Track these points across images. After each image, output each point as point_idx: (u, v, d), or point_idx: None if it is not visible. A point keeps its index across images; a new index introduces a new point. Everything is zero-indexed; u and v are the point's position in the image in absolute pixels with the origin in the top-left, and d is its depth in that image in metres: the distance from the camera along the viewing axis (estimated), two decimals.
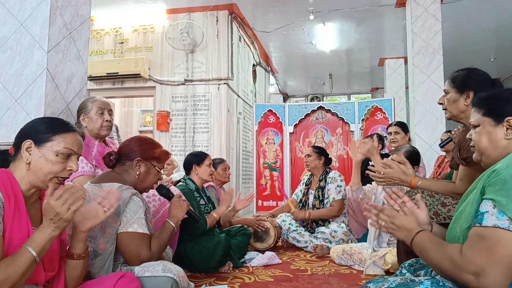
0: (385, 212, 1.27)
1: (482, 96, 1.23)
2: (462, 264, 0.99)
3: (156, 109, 5.49)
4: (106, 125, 2.33)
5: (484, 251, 0.96)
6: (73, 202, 1.17)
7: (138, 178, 1.78)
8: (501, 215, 0.95)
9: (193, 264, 2.57)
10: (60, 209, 1.15)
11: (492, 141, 1.15)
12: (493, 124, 1.15)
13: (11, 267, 1.08)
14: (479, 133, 1.19)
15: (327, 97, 10.51)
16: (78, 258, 1.33)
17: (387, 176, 2.04)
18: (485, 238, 0.96)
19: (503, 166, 1.01)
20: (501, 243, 0.94)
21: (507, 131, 1.13)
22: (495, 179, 1.00)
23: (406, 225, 1.21)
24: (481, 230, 0.98)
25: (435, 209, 1.85)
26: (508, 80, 8.71)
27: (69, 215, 1.17)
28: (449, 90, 1.76)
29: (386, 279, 1.11)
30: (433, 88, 4.71)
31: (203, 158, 2.97)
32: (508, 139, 1.12)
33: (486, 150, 1.17)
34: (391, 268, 2.53)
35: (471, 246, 0.99)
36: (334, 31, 6.34)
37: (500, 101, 1.17)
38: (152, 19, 5.61)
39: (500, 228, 0.94)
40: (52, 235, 1.17)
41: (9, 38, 2.31)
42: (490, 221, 0.96)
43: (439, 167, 3.76)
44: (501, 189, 0.97)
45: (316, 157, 3.72)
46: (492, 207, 0.98)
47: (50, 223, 1.16)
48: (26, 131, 1.30)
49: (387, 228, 1.25)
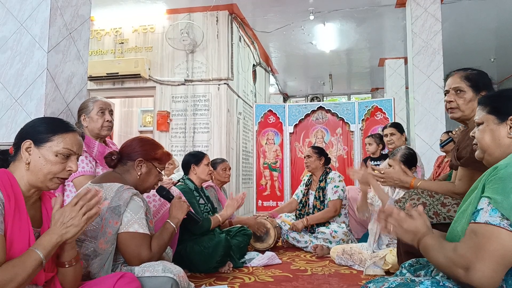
0: (394, 215, 1.26)
1: (488, 95, 1.24)
2: (454, 259, 1.01)
3: (156, 109, 5.49)
4: (106, 125, 2.35)
5: (474, 246, 0.98)
6: (88, 209, 1.21)
7: (139, 179, 1.79)
8: (494, 212, 0.97)
9: (193, 264, 2.57)
10: (75, 215, 1.18)
11: (495, 139, 1.16)
12: (497, 122, 1.16)
13: (18, 268, 1.08)
14: (482, 131, 1.19)
15: (327, 97, 10.51)
16: (69, 266, 1.31)
17: (388, 176, 2.07)
18: (477, 234, 0.99)
19: (503, 164, 1.02)
20: (491, 239, 0.95)
21: (511, 129, 1.13)
22: (494, 177, 1.01)
23: (414, 229, 1.21)
24: (475, 226, 1.00)
25: (435, 209, 1.85)
26: (508, 80, 8.71)
27: (82, 222, 1.19)
28: (465, 89, 1.70)
29: (386, 279, 1.11)
30: (433, 88, 4.71)
31: (201, 157, 2.97)
32: (511, 138, 1.13)
33: (489, 148, 1.17)
34: (391, 268, 2.53)
35: (464, 242, 1.02)
36: (334, 31, 6.34)
37: (505, 100, 1.18)
38: (152, 19, 5.62)
39: (491, 224, 0.96)
40: (59, 240, 1.18)
41: (9, 38, 2.31)
42: (483, 217, 0.98)
43: (438, 167, 3.76)
44: (498, 187, 0.98)
45: (316, 157, 3.72)
46: (487, 204, 1.00)
47: (60, 228, 1.17)
48: (26, 131, 1.30)
49: (396, 232, 1.25)
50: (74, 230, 1.19)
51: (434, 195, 1.89)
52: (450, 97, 1.75)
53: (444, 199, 1.86)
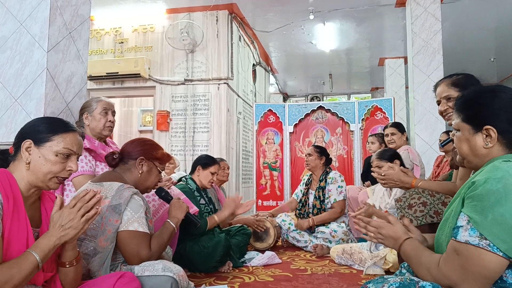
0: (372, 224, 1.31)
1: (462, 100, 1.17)
2: (438, 276, 1.04)
3: (156, 109, 5.49)
4: (108, 126, 2.37)
5: (457, 267, 1.00)
6: (85, 211, 1.20)
7: (140, 177, 1.81)
8: (473, 232, 0.97)
9: (193, 263, 2.57)
10: (73, 216, 1.18)
11: (472, 149, 1.12)
12: (472, 132, 1.12)
13: (14, 270, 1.08)
14: (459, 139, 1.16)
15: (327, 97, 10.51)
16: (70, 266, 1.31)
17: (388, 178, 2.08)
18: (459, 254, 1.00)
19: (481, 180, 1.00)
20: (473, 260, 0.97)
21: (486, 139, 1.09)
22: (472, 194, 1.00)
23: (393, 234, 1.25)
24: (456, 245, 1.01)
25: (436, 208, 1.85)
26: (508, 80, 8.71)
27: (80, 224, 1.19)
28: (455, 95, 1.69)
29: (386, 280, 1.11)
30: (433, 88, 4.71)
31: (210, 164, 2.94)
32: (488, 148, 1.09)
33: (467, 157, 1.15)
34: (392, 268, 2.53)
35: (446, 259, 1.04)
36: (334, 31, 6.33)
37: (479, 107, 1.11)
38: (152, 19, 5.61)
39: (471, 245, 0.97)
40: (57, 243, 1.18)
41: (9, 38, 2.31)
42: (463, 236, 0.99)
43: (438, 167, 3.76)
44: (476, 205, 0.98)
45: (317, 156, 3.71)
46: (467, 222, 1.00)
47: (59, 231, 1.17)
48: (26, 131, 1.30)
49: (376, 238, 1.29)
50: (72, 233, 1.19)
51: (435, 194, 1.89)
52: (443, 106, 1.77)
53: (445, 198, 1.87)
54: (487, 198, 0.96)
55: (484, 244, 0.95)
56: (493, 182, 0.97)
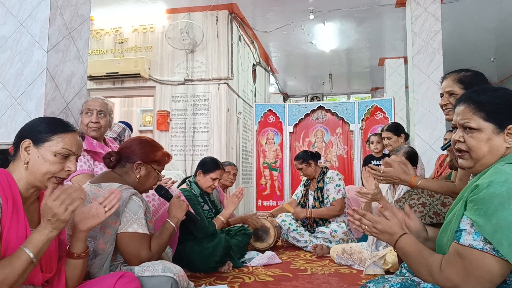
0: (367, 217, 1.28)
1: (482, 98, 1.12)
2: (439, 278, 1.03)
3: (156, 109, 5.48)
4: (91, 126, 2.27)
5: (460, 270, 0.99)
6: (70, 202, 1.16)
7: (138, 181, 1.77)
8: (477, 236, 0.97)
9: (193, 263, 2.57)
10: (57, 209, 1.14)
11: (493, 149, 1.08)
12: (497, 132, 1.08)
13: (8, 269, 1.07)
14: (478, 140, 1.10)
15: (327, 97, 10.50)
16: (78, 258, 1.33)
17: (387, 175, 2.04)
18: (462, 257, 0.99)
19: (484, 184, 0.99)
20: (476, 264, 0.96)
21: (508, 136, 1.08)
22: (475, 197, 0.99)
23: (388, 229, 1.23)
24: (459, 248, 1.00)
25: (435, 208, 1.85)
26: (508, 80, 8.70)
27: (66, 216, 1.16)
28: (458, 92, 1.66)
29: (386, 280, 1.11)
30: (433, 88, 4.71)
31: (211, 170, 2.86)
32: (508, 147, 1.08)
33: (485, 158, 1.10)
34: (391, 268, 2.53)
35: (449, 262, 1.02)
36: (334, 31, 6.33)
37: (505, 107, 1.09)
38: (152, 19, 5.61)
39: (475, 249, 0.96)
40: (50, 236, 1.16)
41: (9, 37, 2.31)
42: (467, 240, 0.99)
43: (440, 166, 3.75)
44: (480, 209, 0.97)
45: (305, 165, 3.67)
46: (470, 226, 0.99)
47: (47, 224, 1.15)
48: (26, 130, 1.30)
49: (371, 232, 1.27)
50: (61, 225, 1.17)
51: (434, 195, 1.88)
52: (444, 100, 1.74)
53: (444, 198, 1.86)
54: (491, 201, 0.95)
55: (488, 248, 0.95)
56: (496, 185, 0.96)
